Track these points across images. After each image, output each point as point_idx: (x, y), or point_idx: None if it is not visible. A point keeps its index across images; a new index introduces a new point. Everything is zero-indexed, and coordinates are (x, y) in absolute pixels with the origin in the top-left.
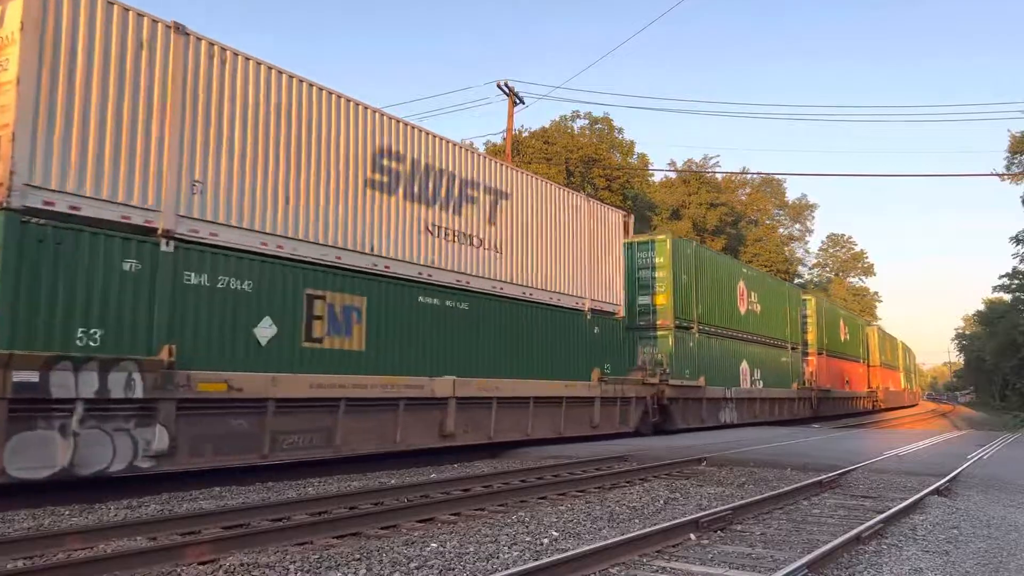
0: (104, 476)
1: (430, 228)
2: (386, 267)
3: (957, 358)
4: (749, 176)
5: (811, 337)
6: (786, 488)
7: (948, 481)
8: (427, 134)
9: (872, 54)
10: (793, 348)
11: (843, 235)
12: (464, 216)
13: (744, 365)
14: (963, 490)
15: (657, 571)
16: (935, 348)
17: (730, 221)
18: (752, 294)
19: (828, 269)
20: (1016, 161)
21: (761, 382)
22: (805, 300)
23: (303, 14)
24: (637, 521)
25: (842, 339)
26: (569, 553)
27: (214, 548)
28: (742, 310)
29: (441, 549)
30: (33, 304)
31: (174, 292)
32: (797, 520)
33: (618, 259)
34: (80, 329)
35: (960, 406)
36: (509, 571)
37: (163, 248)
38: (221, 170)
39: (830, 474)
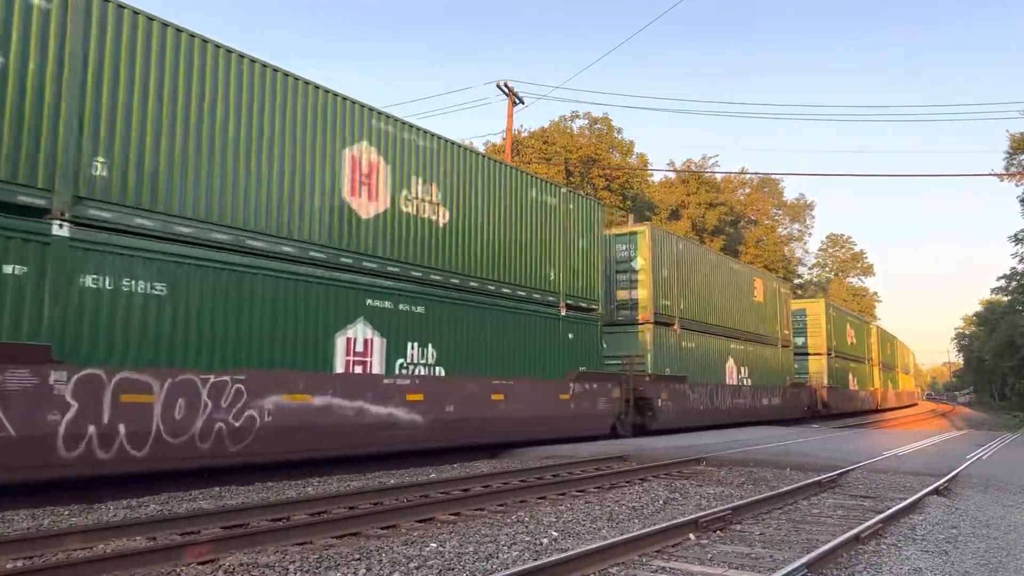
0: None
1: None
2: None
3: (957, 358)
4: (748, 176)
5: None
6: (785, 488)
7: (947, 481)
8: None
9: (872, 54)
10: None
11: (842, 235)
12: None
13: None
14: (962, 490)
15: (656, 571)
16: (935, 348)
17: (729, 221)
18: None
19: (827, 269)
20: (1015, 161)
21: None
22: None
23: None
24: (636, 521)
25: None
26: (568, 553)
27: (214, 548)
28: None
29: (441, 549)
30: None
31: None
32: (796, 520)
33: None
34: None
35: (959, 406)
36: (509, 571)
37: None
38: None
39: (829, 474)
